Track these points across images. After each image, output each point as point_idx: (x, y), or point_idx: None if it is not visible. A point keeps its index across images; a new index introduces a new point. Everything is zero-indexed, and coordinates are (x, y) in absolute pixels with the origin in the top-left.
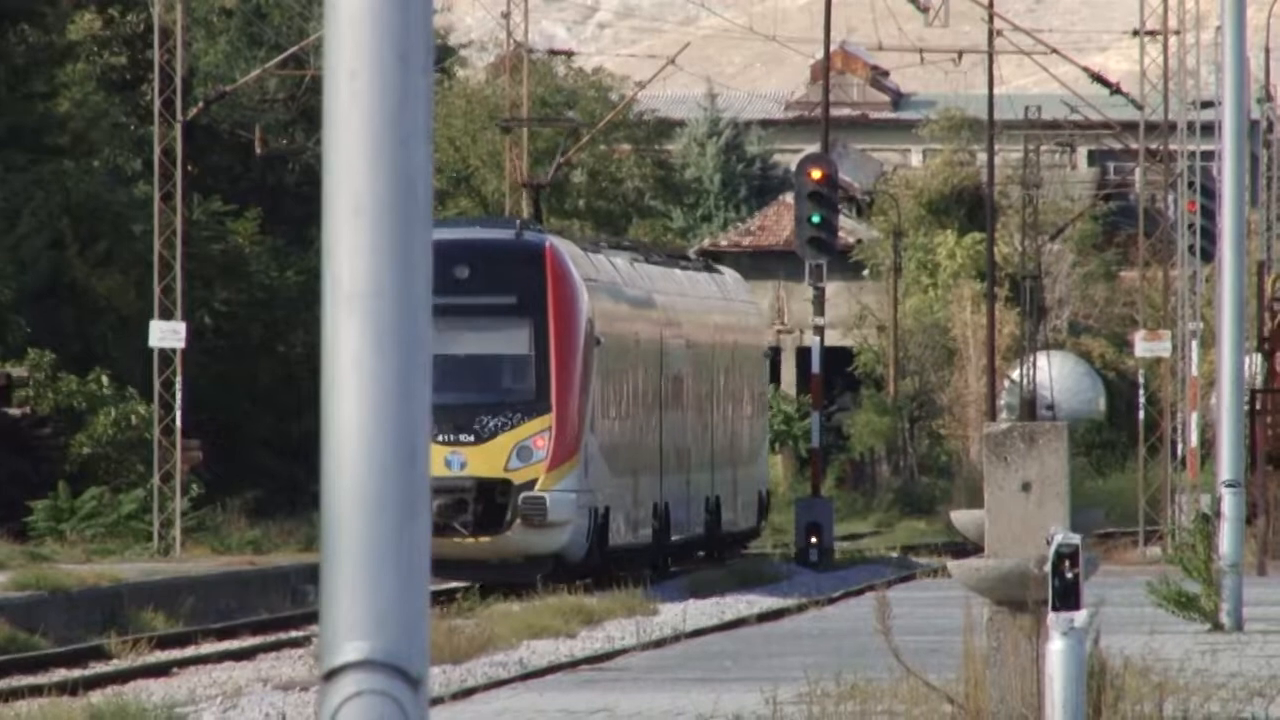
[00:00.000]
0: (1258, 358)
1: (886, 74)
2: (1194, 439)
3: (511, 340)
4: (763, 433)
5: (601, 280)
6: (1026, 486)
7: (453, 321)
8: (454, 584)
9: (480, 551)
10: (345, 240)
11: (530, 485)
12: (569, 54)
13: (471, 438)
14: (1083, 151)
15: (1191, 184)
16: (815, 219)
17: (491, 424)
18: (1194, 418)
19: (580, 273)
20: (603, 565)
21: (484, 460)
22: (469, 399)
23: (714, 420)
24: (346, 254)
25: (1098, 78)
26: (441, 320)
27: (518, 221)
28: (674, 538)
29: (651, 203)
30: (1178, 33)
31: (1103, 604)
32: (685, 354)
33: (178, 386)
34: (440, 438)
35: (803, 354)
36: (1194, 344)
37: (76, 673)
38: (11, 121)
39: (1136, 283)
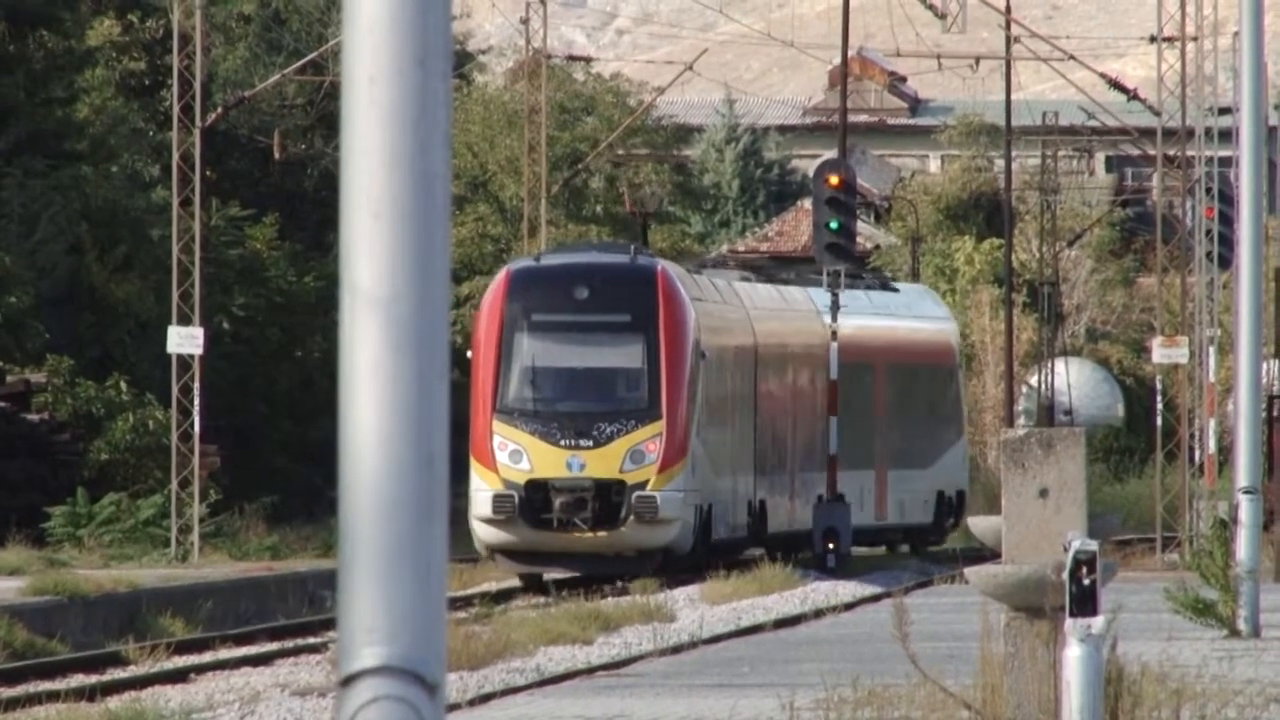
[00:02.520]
0: (1275, 364)
1: (904, 80)
2: (1212, 445)
3: (626, 354)
4: (940, 436)
5: (707, 299)
6: (1044, 493)
7: (574, 337)
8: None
9: (597, 545)
10: (363, 245)
11: (643, 485)
12: (587, 60)
13: (590, 442)
14: (1100, 157)
15: (1209, 190)
16: (833, 225)
17: (608, 430)
18: (1212, 424)
19: (688, 293)
20: (706, 557)
21: (601, 463)
22: (588, 407)
23: (815, 424)
24: (365, 258)
25: (1115, 84)
26: (563, 336)
27: (632, 247)
28: (769, 531)
29: (669, 208)
30: (1195, 39)
31: (1120, 610)
32: (784, 362)
33: (196, 392)
34: (562, 442)
35: None
36: (1211, 350)
37: (94, 678)
38: (30, 127)
39: (1154, 289)
